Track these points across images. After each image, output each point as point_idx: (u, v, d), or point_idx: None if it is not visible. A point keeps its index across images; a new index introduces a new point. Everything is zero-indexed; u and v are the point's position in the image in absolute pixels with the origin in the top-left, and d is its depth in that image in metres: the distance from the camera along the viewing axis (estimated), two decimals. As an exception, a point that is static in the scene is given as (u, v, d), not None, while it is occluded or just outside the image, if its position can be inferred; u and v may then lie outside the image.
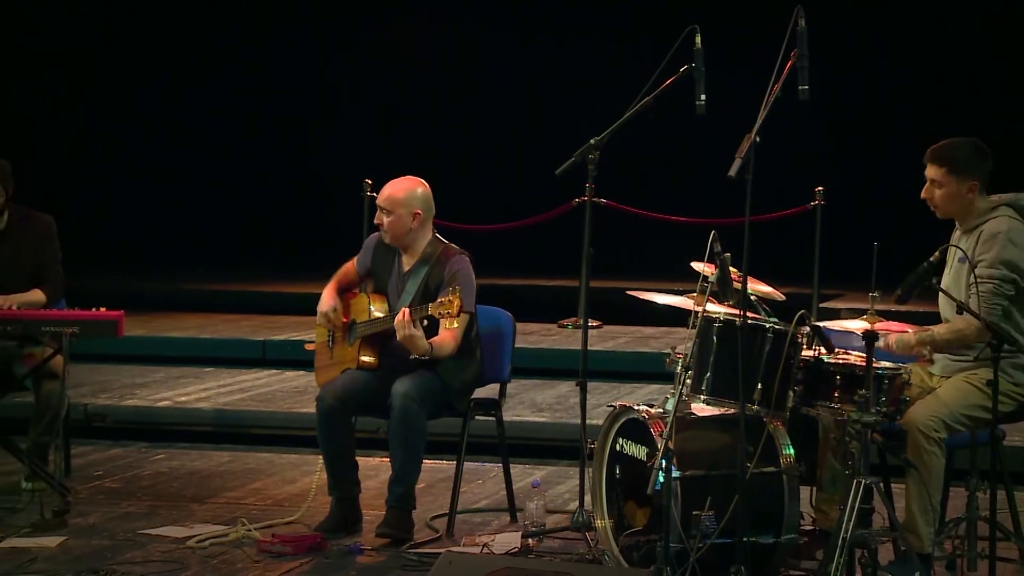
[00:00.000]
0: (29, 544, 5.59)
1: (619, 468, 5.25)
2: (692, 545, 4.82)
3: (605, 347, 9.17)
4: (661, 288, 5.78)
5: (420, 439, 5.73)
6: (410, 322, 5.56)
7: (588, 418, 5.75)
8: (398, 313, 5.61)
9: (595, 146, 5.58)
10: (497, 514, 6.22)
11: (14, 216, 6.56)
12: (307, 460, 7.15)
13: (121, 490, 6.65)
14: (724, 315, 5.06)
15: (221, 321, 10.49)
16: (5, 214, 6.52)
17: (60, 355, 6.31)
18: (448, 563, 4.83)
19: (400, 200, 5.84)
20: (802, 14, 4.85)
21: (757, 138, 4.75)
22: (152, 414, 8.01)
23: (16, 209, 6.57)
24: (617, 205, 9.36)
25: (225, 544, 5.65)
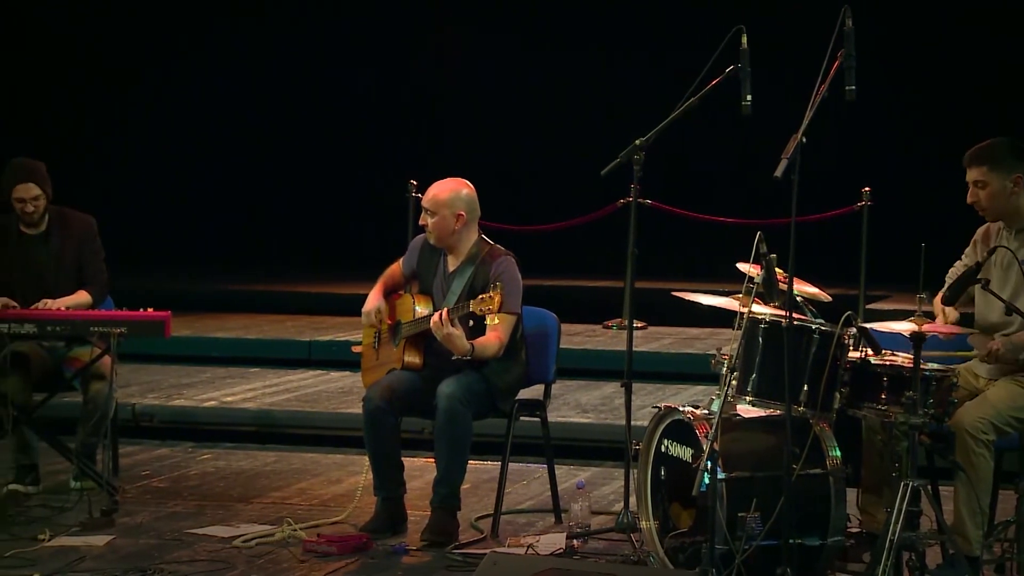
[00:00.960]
0: (77, 543, 5.64)
1: (664, 469, 5.24)
2: (738, 547, 4.81)
3: (650, 348, 9.15)
4: (706, 289, 5.77)
5: (466, 440, 5.74)
6: (447, 322, 5.57)
7: (633, 419, 5.74)
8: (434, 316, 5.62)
9: (640, 147, 5.58)
10: (542, 515, 6.23)
11: (54, 217, 6.61)
12: (352, 460, 7.17)
13: (168, 489, 6.69)
14: (770, 316, 5.04)
15: (267, 322, 10.54)
16: (45, 216, 6.58)
17: (108, 355, 6.36)
18: (493, 563, 4.83)
19: (444, 201, 5.86)
20: (849, 14, 4.83)
21: (803, 139, 4.73)
22: (199, 414, 8.06)
23: (55, 211, 6.62)
24: (662, 206, 9.36)
25: (271, 544, 5.67)
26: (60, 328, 6.24)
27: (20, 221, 6.55)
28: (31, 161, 6.56)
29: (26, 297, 6.40)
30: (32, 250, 6.56)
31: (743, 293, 5.12)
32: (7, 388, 6.21)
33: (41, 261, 6.55)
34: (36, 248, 6.57)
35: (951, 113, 11.62)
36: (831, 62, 4.83)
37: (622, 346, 5.87)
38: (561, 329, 6.21)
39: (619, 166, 5.60)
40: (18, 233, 6.57)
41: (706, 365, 5.48)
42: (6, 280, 6.50)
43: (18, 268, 6.52)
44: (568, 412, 7.81)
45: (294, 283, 12.19)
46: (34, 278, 6.50)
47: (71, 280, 6.56)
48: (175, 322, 6.38)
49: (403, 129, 13.39)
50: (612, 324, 10.01)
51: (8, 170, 6.53)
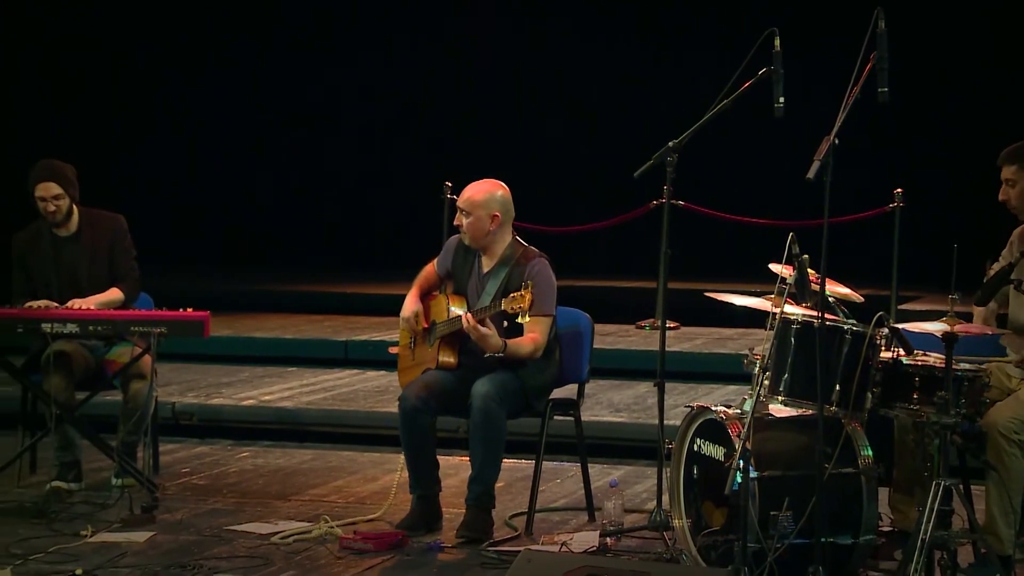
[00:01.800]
0: (119, 539, 5.69)
1: (697, 468, 5.26)
2: (770, 545, 4.83)
3: (683, 348, 9.17)
4: (739, 290, 5.77)
5: (500, 439, 5.78)
6: (476, 325, 5.61)
7: (666, 419, 5.75)
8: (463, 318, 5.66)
9: (673, 149, 5.60)
10: (575, 513, 6.25)
11: (84, 218, 6.67)
12: (388, 458, 7.21)
13: (207, 487, 6.74)
14: (802, 317, 5.06)
15: (304, 322, 10.59)
16: (74, 217, 6.65)
17: (148, 355, 6.44)
18: (527, 561, 4.85)
19: (479, 202, 5.90)
20: (882, 16, 4.85)
21: (836, 140, 4.75)
22: (237, 412, 8.11)
23: (85, 212, 6.69)
24: (695, 207, 9.37)
25: (308, 541, 5.71)
26: (101, 328, 6.31)
27: (50, 223, 6.63)
28: (55, 162, 6.62)
29: (62, 298, 6.48)
30: (65, 251, 6.64)
31: (775, 294, 5.14)
32: (50, 387, 6.30)
33: (74, 261, 6.62)
34: (68, 249, 6.64)
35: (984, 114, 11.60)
36: (864, 64, 4.85)
37: (655, 346, 5.89)
38: (594, 329, 6.24)
39: (652, 168, 5.62)
40: (51, 235, 6.64)
41: (738, 365, 5.50)
42: (43, 282, 6.58)
43: (52, 270, 6.60)
44: (601, 411, 7.84)
45: (331, 284, 12.24)
46: (68, 279, 6.58)
47: (103, 279, 6.63)
48: (214, 322, 6.44)
49: (438, 130, 13.44)
50: (645, 324, 10.04)
51: (32, 170, 6.60)
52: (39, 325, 6.25)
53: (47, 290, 6.55)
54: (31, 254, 6.63)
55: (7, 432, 7.21)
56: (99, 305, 6.45)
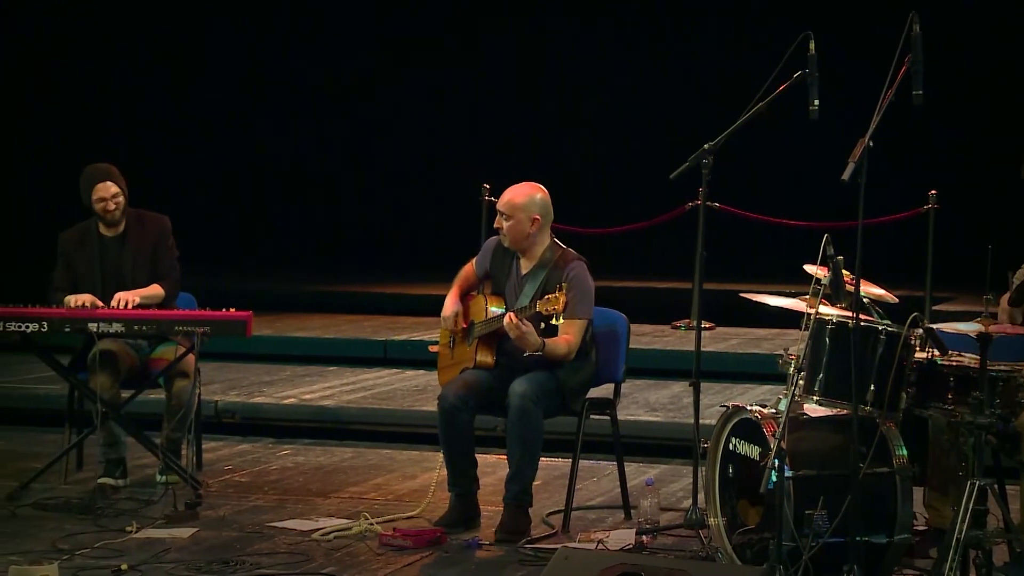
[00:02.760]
0: (163, 535, 5.75)
1: (732, 467, 5.29)
2: (805, 544, 4.84)
3: (718, 348, 9.18)
4: (774, 291, 5.78)
5: (537, 437, 5.83)
6: (518, 323, 5.67)
7: (701, 418, 5.77)
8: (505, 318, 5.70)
9: (709, 151, 5.62)
10: (612, 511, 6.29)
11: (131, 219, 6.76)
12: (427, 457, 7.25)
13: (249, 484, 6.81)
14: (837, 317, 5.08)
15: (344, 322, 10.65)
16: (123, 218, 6.73)
17: (192, 354, 6.53)
18: (564, 558, 4.88)
19: (519, 205, 5.95)
20: (916, 20, 4.87)
21: (871, 142, 4.77)
22: (279, 411, 8.17)
23: (133, 212, 6.77)
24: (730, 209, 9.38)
25: (348, 537, 5.75)
26: (146, 327, 6.40)
27: (100, 223, 6.72)
28: (103, 164, 6.71)
29: (107, 297, 6.56)
30: (111, 251, 6.72)
31: (810, 294, 5.17)
32: (96, 385, 6.38)
33: (119, 262, 6.70)
34: (115, 249, 6.72)
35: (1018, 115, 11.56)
36: (898, 67, 4.87)
37: (690, 346, 5.91)
38: (630, 329, 6.28)
39: (688, 170, 5.66)
40: (98, 235, 6.73)
41: (773, 365, 5.52)
42: (87, 280, 6.67)
43: (97, 269, 6.68)
44: (637, 411, 7.87)
45: (371, 284, 12.30)
46: (114, 278, 6.65)
47: (146, 278, 6.70)
48: (256, 322, 6.50)
49: (477, 132, 13.48)
50: (680, 325, 10.02)
51: (84, 175, 6.68)
52: (86, 324, 6.34)
53: (91, 289, 6.63)
54: (77, 253, 6.72)
55: (54, 429, 7.30)
56: (142, 298, 6.53)
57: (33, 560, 5.20)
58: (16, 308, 6.36)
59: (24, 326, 6.33)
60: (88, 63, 13.66)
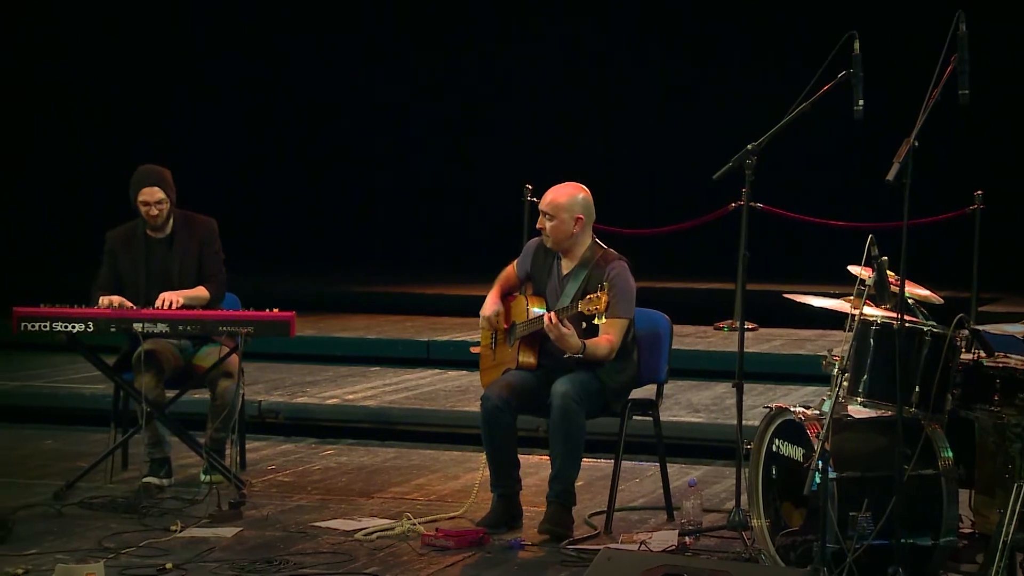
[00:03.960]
0: (207, 534, 5.78)
1: (775, 468, 5.27)
2: (849, 546, 4.82)
3: (761, 349, 9.15)
4: (818, 291, 5.77)
5: (579, 438, 5.83)
6: (558, 324, 5.66)
7: (744, 419, 5.76)
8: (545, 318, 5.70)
9: (752, 151, 5.62)
10: (654, 512, 6.28)
11: (179, 221, 6.79)
12: (469, 457, 7.26)
13: (293, 484, 6.83)
14: (881, 318, 5.06)
15: (387, 322, 10.68)
16: (170, 220, 6.77)
17: (236, 354, 6.56)
18: (607, 559, 4.88)
19: (563, 205, 5.94)
20: (963, 19, 4.85)
21: (916, 142, 4.75)
22: (322, 411, 8.20)
23: (180, 214, 6.81)
24: (774, 209, 9.36)
25: (391, 537, 5.76)
26: (191, 327, 6.45)
27: (146, 225, 6.77)
28: (156, 167, 6.75)
29: (151, 298, 6.59)
30: (157, 253, 6.75)
31: (854, 295, 5.15)
32: (141, 385, 6.42)
33: (165, 264, 6.73)
34: (161, 251, 6.76)
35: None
36: (944, 66, 4.85)
37: (733, 347, 5.91)
38: (673, 330, 6.27)
39: (731, 170, 5.65)
40: (144, 237, 6.77)
41: (816, 366, 5.50)
42: (131, 281, 6.72)
43: (143, 271, 6.73)
44: (680, 412, 7.86)
45: (413, 285, 12.34)
46: (159, 280, 6.69)
47: (192, 280, 6.73)
48: (299, 322, 6.56)
49: (520, 132, 13.50)
50: (723, 325, 10.05)
51: (135, 175, 6.72)
52: (131, 325, 6.39)
53: (135, 289, 6.68)
54: (123, 253, 6.76)
55: (100, 429, 7.38)
56: (187, 299, 6.57)
57: (79, 559, 5.25)
58: (63, 308, 6.41)
59: (71, 326, 6.38)
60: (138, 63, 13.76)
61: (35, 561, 5.36)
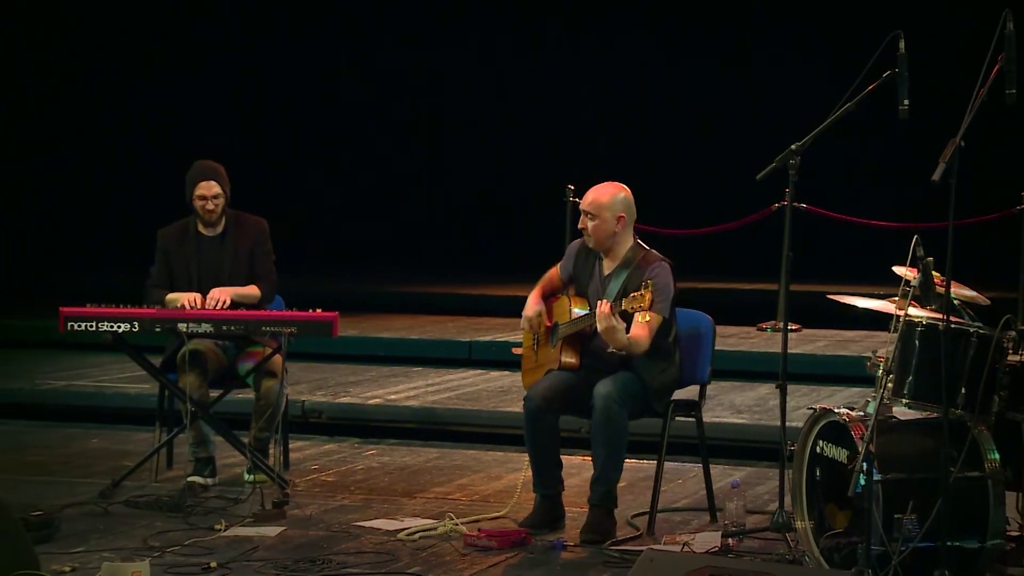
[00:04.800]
0: (251, 533, 5.81)
1: (819, 470, 5.25)
2: (894, 548, 4.79)
3: (804, 350, 9.10)
4: (862, 292, 5.74)
5: (622, 439, 5.82)
6: (611, 314, 5.65)
7: (788, 420, 5.74)
8: (597, 306, 5.70)
9: (796, 151, 5.60)
10: (697, 513, 6.26)
11: (230, 219, 6.83)
12: (511, 458, 7.27)
13: (336, 483, 6.86)
14: (927, 319, 5.03)
15: (429, 322, 10.70)
16: (223, 218, 6.82)
17: (279, 354, 6.59)
18: (649, 560, 4.87)
19: (605, 204, 5.94)
20: (1010, 18, 4.81)
21: (962, 142, 4.73)
22: (364, 411, 8.22)
23: (232, 213, 6.85)
24: (817, 210, 9.32)
25: (434, 537, 5.77)
26: (235, 327, 6.48)
27: (199, 221, 6.81)
28: (212, 162, 6.79)
29: (201, 295, 6.63)
30: (209, 250, 6.79)
31: (899, 296, 5.12)
32: (185, 384, 6.46)
33: (216, 261, 6.77)
34: (213, 248, 6.80)
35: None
36: (991, 65, 4.81)
37: (776, 348, 5.88)
38: (716, 331, 6.25)
39: (775, 170, 5.63)
40: (196, 233, 6.82)
41: (861, 368, 5.48)
42: (184, 278, 6.76)
43: (194, 268, 6.76)
44: (723, 413, 7.84)
45: (455, 285, 12.36)
46: (210, 277, 6.73)
47: (243, 279, 6.77)
48: (342, 322, 6.57)
49: (562, 132, 13.50)
50: (766, 326, 10.01)
51: (192, 170, 6.77)
52: (175, 324, 6.43)
53: (187, 286, 6.71)
54: (176, 249, 6.80)
55: (145, 428, 7.43)
56: (237, 296, 6.61)
57: (125, 557, 5.28)
58: (108, 308, 6.46)
59: (116, 326, 6.43)
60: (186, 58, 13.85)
61: (81, 559, 5.40)
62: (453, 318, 10.89)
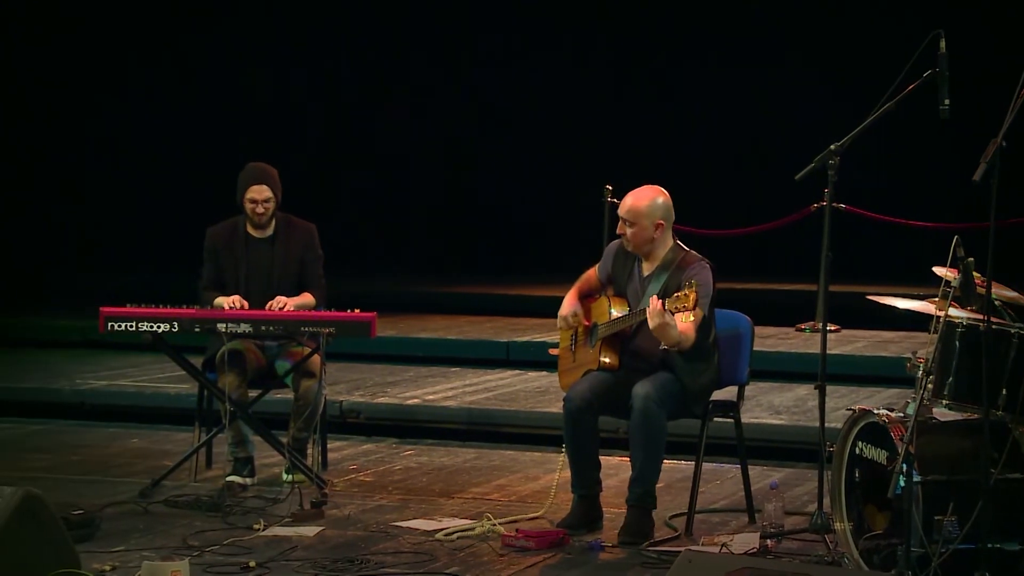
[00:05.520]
0: (289, 533, 5.82)
1: (858, 471, 5.23)
2: (934, 550, 4.77)
3: (843, 351, 9.06)
4: (901, 293, 5.72)
5: (660, 440, 5.81)
6: (663, 311, 5.62)
7: (827, 421, 5.71)
8: (648, 304, 5.66)
9: (835, 152, 5.57)
10: (735, 514, 6.25)
11: (280, 223, 6.86)
12: (549, 458, 7.24)
13: (374, 483, 6.87)
14: (967, 320, 5.01)
15: (467, 323, 10.72)
16: (273, 221, 6.85)
17: (318, 354, 6.61)
18: (688, 561, 4.85)
19: (643, 211, 5.91)
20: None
21: (1003, 143, 4.69)
22: (402, 411, 8.24)
23: (282, 216, 6.88)
24: (857, 210, 9.28)
25: (471, 538, 5.77)
26: (273, 328, 6.51)
27: (249, 223, 6.84)
28: (265, 165, 6.83)
29: (250, 296, 6.67)
30: (258, 252, 6.82)
31: (939, 297, 5.09)
32: (225, 384, 6.49)
33: (265, 264, 6.80)
34: (262, 251, 6.83)
35: None
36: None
37: (815, 348, 5.86)
38: (754, 331, 6.23)
39: (814, 171, 5.61)
40: (246, 235, 6.85)
41: (900, 368, 5.45)
42: (232, 279, 6.80)
43: (243, 269, 6.80)
44: (761, 413, 7.81)
45: (493, 285, 12.37)
46: (259, 279, 6.77)
47: (292, 283, 6.80)
48: (380, 322, 6.59)
49: (600, 132, 13.48)
50: (805, 327, 9.97)
51: (244, 172, 6.81)
52: (215, 325, 6.47)
53: (234, 288, 6.75)
54: (224, 250, 6.84)
55: (185, 428, 7.48)
56: (297, 306, 6.64)
57: (164, 556, 5.31)
58: (148, 308, 6.49)
59: (156, 326, 6.47)
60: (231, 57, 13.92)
61: (122, 558, 5.43)
62: (491, 318, 10.90)
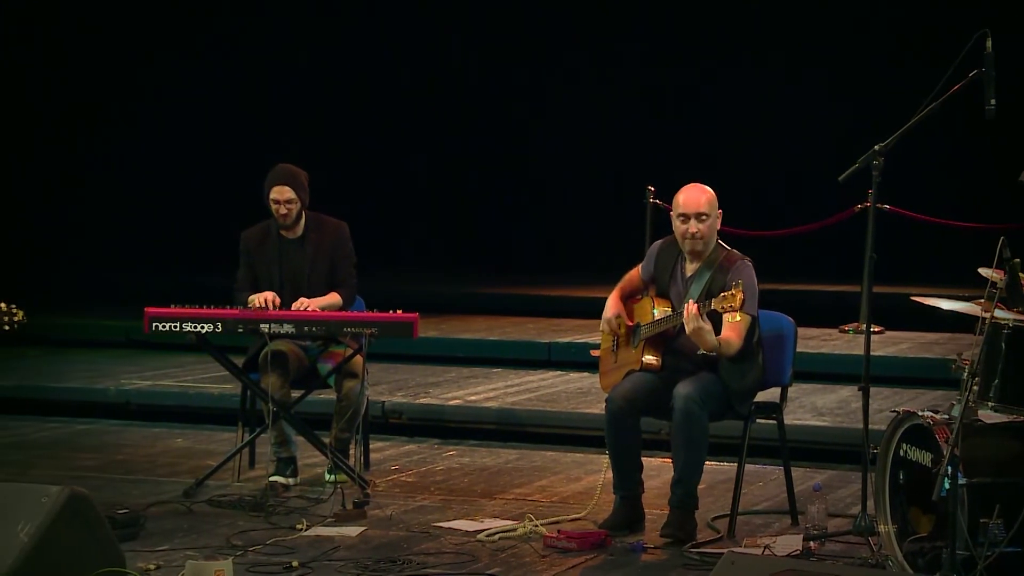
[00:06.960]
0: (332, 533, 5.85)
1: (903, 473, 5.20)
2: (980, 553, 4.74)
3: (887, 352, 9.01)
4: (946, 294, 5.69)
5: (702, 441, 5.80)
6: (698, 315, 5.62)
7: (870, 423, 5.67)
8: (684, 307, 5.67)
9: (880, 152, 5.54)
10: (778, 516, 6.23)
11: (310, 223, 6.89)
12: (591, 459, 7.27)
13: (416, 484, 6.89)
14: (1014, 321, 4.97)
15: (508, 324, 10.73)
16: (302, 221, 6.87)
17: (360, 355, 6.64)
18: (730, 563, 4.83)
19: (713, 204, 5.89)
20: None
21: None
22: (444, 412, 8.26)
23: (312, 216, 6.91)
24: (901, 211, 9.22)
25: (513, 538, 5.78)
26: (316, 328, 6.54)
27: (279, 225, 6.87)
28: (291, 166, 6.85)
29: (283, 296, 6.70)
30: (289, 253, 6.86)
31: (985, 298, 5.05)
32: (267, 385, 6.52)
33: (297, 264, 6.84)
34: (293, 251, 6.86)
35: None
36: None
37: (859, 350, 5.82)
38: (797, 333, 6.21)
39: (858, 171, 5.58)
40: (278, 236, 6.89)
41: (944, 370, 5.42)
42: (265, 280, 6.83)
43: (276, 270, 6.83)
44: (804, 415, 7.78)
45: (534, 286, 12.37)
46: (291, 279, 6.80)
47: (323, 282, 6.83)
48: (422, 323, 6.61)
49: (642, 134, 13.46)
50: (849, 328, 9.92)
51: (269, 174, 6.84)
52: (258, 325, 6.50)
53: (268, 288, 6.77)
54: (257, 252, 6.87)
55: (228, 428, 7.52)
56: (322, 307, 6.67)
57: (208, 555, 5.34)
58: (191, 309, 6.53)
59: (199, 327, 6.50)
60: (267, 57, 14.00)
61: (165, 557, 5.47)
62: (532, 319, 10.91)
